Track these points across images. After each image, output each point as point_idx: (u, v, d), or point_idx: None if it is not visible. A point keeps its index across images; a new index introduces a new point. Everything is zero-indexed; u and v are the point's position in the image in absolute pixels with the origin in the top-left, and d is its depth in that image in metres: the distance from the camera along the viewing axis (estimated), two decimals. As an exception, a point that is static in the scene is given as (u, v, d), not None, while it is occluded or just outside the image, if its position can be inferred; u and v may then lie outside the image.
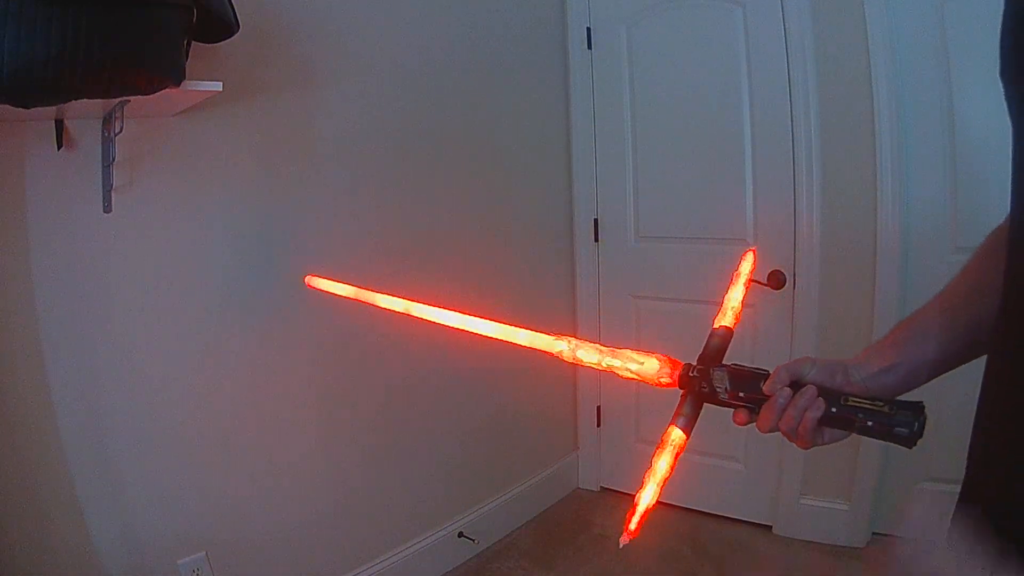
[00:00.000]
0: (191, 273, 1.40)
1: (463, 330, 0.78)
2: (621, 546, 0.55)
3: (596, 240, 2.37)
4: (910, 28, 1.76)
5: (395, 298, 0.89)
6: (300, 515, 1.63)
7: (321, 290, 1.07)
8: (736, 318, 0.69)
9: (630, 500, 0.57)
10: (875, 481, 1.92)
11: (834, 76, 1.86)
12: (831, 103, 1.88)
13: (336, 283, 1.04)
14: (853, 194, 1.87)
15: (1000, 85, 0.48)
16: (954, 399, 0.54)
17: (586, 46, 2.29)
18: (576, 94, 2.32)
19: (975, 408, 0.51)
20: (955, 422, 0.60)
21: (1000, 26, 0.46)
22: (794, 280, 1.97)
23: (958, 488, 0.52)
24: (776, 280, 1.96)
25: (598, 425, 2.47)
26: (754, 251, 0.75)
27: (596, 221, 2.36)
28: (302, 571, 1.64)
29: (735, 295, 0.71)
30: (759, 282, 1.91)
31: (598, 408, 2.47)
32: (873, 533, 1.96)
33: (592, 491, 2.48)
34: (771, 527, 2.11)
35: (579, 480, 2.51)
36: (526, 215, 2.22)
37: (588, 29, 2.28)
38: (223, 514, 1.49)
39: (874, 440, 0.55)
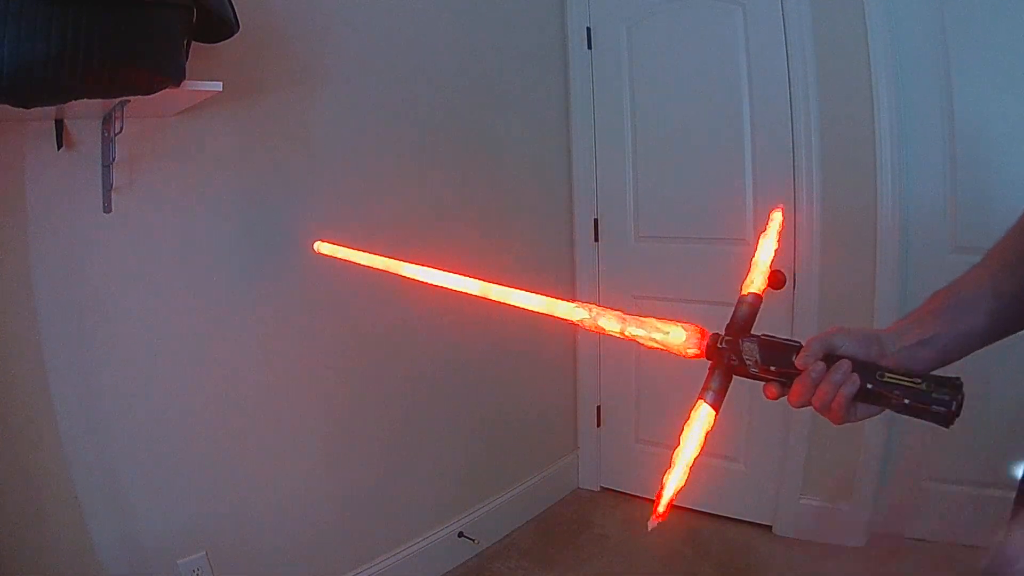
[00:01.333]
0: (191, 273, 1.40)
1: (479, 297, 0.76)
2: (650, 529, 0.53)
3: (596, 240, 2.37)
4: (910, 28, 1.76)
5: (410, 264, 0.86)
6: (300, 515, 1.63)
7: (330, 256, 1.05)
8: (765, 282, 0.64)
9: (631, 500, 0.56)
10: (875, 481, 1.91)
11: (834, 76, 1.86)
12: (831, 103, 1.88)
13: (345, 248, 1.00)
14: (853, 194, 1.87)
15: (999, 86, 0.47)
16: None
17: (586, 46, 2.29)
18: (576, 94, 2.32)
19: (979, 410, 0.50)
20: (956, 422, 0.59)
21: None
22: (794, 280, 1.97)
23: (959, 488, 0.51)
24: (776, 280, 1.96)
25: (598, 425, 2.47)
26: (782, 208, 0.70)
27: (596, 221, 2.36)
28: (302, 571, 1.64)
29: (763, 257, 0.66)
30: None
31: (598, 408, 2.47)
32: (873, 533, 1.97)
33: (592, 491, 2.47)
34: (771, 527, 2.10)
35: (579, 480, 2.51)
36: (526, 215, 2.22)
37: (588, 29, 2.28)
38: (223, 514, 1.49)
39: (874, 440, 0.55)
